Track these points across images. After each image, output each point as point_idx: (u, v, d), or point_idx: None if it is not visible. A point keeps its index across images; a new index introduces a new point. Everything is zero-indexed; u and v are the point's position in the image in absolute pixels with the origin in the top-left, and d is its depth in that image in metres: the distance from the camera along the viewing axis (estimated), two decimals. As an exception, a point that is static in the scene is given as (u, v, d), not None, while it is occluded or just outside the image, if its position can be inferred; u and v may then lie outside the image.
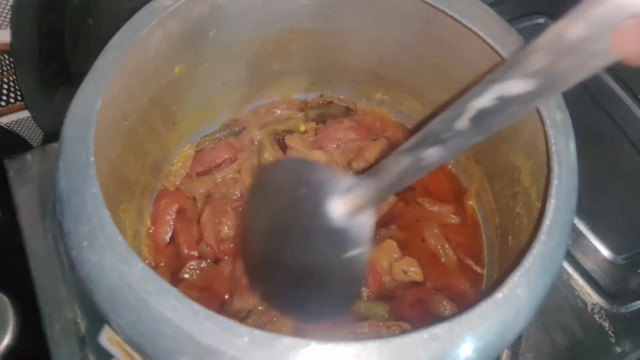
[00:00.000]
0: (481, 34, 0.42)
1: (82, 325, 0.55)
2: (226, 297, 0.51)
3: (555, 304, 0.59)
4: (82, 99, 0.39)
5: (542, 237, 0.34)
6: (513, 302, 0.33)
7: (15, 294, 0.57)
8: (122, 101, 0.44)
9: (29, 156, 0.63)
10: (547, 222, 0.35)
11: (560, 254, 0.35)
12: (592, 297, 0.60)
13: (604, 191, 0.66)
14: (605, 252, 0.63)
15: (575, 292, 0.60)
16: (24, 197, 0.61)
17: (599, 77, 0.72)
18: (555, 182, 0.36)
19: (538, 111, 0.39)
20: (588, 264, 0.62)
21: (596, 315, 0.59)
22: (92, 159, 0.36)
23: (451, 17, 0.43)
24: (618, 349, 0.58)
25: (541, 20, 0.78)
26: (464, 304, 0.50)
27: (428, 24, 0.47)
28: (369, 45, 0.53)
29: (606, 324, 0.59)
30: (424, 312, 0.50)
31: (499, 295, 0.33)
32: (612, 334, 0.59)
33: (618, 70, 0.71)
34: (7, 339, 0.52)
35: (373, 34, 0.52)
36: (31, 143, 0.74)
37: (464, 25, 0.42)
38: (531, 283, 0.33)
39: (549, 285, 0.34)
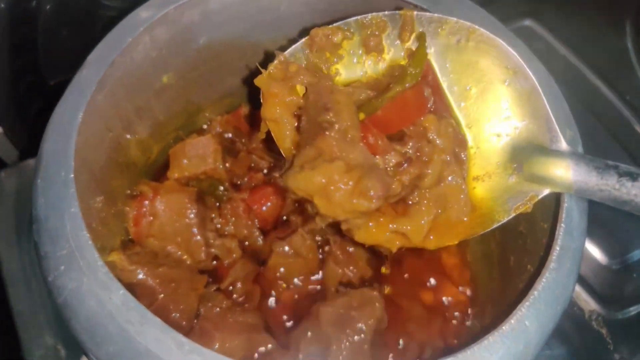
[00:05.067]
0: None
1: (63, 352, 0.53)
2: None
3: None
4: (63, 112, 0.37)
5: (551, 264, 0.32)
6: (521, 335, 0.31)
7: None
8: (106, 112, 0.42)
9: (2, 174, 0.60)
10: (557, 248, 0.33)
11: (571, 282, 0.33)
12: (588, 303, 0.59)
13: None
14: (599, 257, 0.62)
15: (572, 299, 0.59)
16: (-1, 217, 0.59)
17: (586, 79, 0.71)
18: (565, 204, 0.34)
19: (546, 128, 0.38)
20: (583, 270, 0.61)
21: (594, 322, 0.58)
22: (72, 175, 0.34)
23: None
24: (617, 356, 0.57)
25: (527, 23, 0.77)
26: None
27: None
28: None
29: (604, 331, 0.58)
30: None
31: (506, 327, 0.31)
32: (610, 341, 0.57)
33: (604, 71, 0.71)
34: (-16, 368, 0.50)
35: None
36: (5, 161, 0.71)
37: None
38: (540, 314, 0.31)
39: (560, 314, 0.32)
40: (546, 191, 0.36)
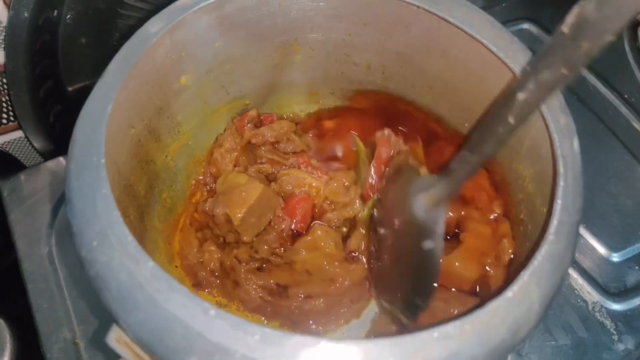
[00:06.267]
0: (485, 42, 0.43)
1: (81, 346, 0.54)
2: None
3: (557, 304, 0.59)
4: (94, 103, 0.39)
5: (550, 237, 0.34)
6: (524, 300, 0.33)
7: (12, 316, 0.56)
8: (129, 109, 0.45)
9: (22, 176, 0.63)
10: (554, 222, 0.35)
11: (568, 255, 0.35)
12: (592, 295, 0.61)
13: (596, 190, 0.68)
14: (601, 249, 0.64)
15: (576, 292, 0.61)
16: (18, 217, 0.61)
17: (585, 79, 0.74)
18: (561, 183, 0.37)
19: (542, 116, 0.40)
20: (586, 263, 0.63)
21: (597, 314, 0.60)
22: (103, 160, 0.36)
23: (455, 26, 0.44)
24: (621, 347, 0.58)
25: (526, 26, 0.81)
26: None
27: (431, 35, 0.47)
28: (372, 56, 0.54)
29: (608, 322, 0.59)
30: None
31: (509, 293, 0.33)
32: (614, 332, 0.59)
33: (602, 71, 0.74)
34: (5, 363, 0.51)
35: (376, 45, 0.53)
36: (25, 163, 0.74)
37: (468, 34, 0.43)
38: (541, 282, 0.33)
39: (558, 284, 0.34)
40: None
